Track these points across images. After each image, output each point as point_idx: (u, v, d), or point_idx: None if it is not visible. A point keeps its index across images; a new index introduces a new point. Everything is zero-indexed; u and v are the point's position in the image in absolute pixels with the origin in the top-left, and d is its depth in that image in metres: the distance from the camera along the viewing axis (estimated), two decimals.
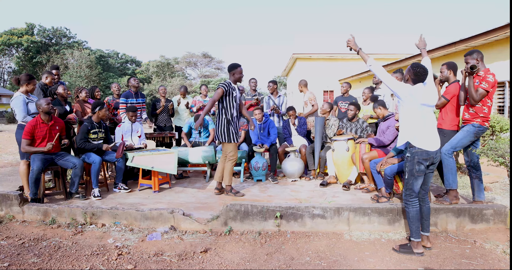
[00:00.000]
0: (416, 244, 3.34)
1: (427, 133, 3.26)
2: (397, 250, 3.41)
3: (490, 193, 5.24)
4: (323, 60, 19.72)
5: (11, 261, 3.19)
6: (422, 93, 3.22)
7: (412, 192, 3.34)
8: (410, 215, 3.35)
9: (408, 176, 3.32)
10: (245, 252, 3.43)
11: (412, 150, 3.27)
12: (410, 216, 3.35)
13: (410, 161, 3.29)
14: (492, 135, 5.97)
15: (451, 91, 4.20)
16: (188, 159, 5.95)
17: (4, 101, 35.32)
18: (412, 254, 3.32)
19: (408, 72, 3.33)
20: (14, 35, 33.53)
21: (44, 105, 4.54)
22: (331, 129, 6.04)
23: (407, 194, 3.35)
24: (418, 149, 3.24)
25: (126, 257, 3.28)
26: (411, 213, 3.34)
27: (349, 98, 7.08)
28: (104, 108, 5.20)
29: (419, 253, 3.32)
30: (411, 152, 3.28)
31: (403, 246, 3.42)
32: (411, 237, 3.37)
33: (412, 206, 3.34)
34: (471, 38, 8.31)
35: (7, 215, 4.32)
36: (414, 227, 3.35)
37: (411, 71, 3.29)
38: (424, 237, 3.44)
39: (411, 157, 3.28)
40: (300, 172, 5.95)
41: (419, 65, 3.30)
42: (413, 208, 3.33)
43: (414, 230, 3.35)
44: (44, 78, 5.58)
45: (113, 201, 4.79)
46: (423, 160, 3.25)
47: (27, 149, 4.52)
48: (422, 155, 3.24)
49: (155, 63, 35.45)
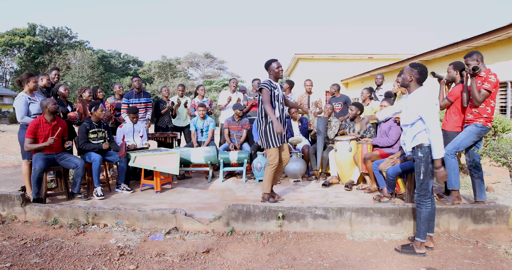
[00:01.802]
0: (420, 244, 3.33)
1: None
2: (399, 251, 3.39)
3: (492, 193, 5.23)
4: (325, 61, 19.69)
5: (13, 262, 3.20)
6: (432, 92, 3.22)
7: (427, 192, 3.29)
8: (422, 215, 3.31)
9: (424, 177, 3.26)
10: (247, 253, 3.43)
11: (425, 150, 3.22)
12: (421, 217, 3.32)
13: (424, 161, 3.23)
14: (494, 136, 5.96)
15: (454, 93, 4.19)
16: (190, 160, 5.96)
17: (6, 101, 35.43)
18: (415, 254, 3.31)
19: (410, 73, 3.27)
20: (16, 35, 33.60)
21: (51, 105, 4.56)
22: (332, 130, 6.04)
23: (422, 194, 3.30)
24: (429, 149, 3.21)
25: (128, 258, 3.28)
26: (423, 214, 3.31)
27: (341, 98, 7.13)
28: (99, 108, 5.21)
29: (422, 253, 3.31)
30: (423, 152, 3.22)
31: (405, 247, 3.41)
32: (417, 237, 3.35)
33: (425, 207, 3.30)
34: (473, 39, 8.30)
35: (9, 215, 4.33)
36: (423, 228, 3.32)
37: (415, 71, 3.25)
38: (428, 237, 3.43)
39: (424, 157, 3.23)
40: (302, 172, 5.94)
41: (420, 64, 3.30)
42: (426, 209, 3.30)
43: (422, 231, 3.32)
44: (39, 81, 5.46)
45: (115, 201, 4.80)
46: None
47: (29, 147, 4.53)
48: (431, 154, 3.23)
49: (157, 64, 35.47)
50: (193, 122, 6.53)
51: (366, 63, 18.68)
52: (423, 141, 3.21)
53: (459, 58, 8.94)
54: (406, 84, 3.36)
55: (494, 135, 5.95)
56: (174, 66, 37.50)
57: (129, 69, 41.94)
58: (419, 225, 3.35)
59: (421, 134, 3.23)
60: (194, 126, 6.50)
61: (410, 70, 3.28)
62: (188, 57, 39.16)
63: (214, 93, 26.29)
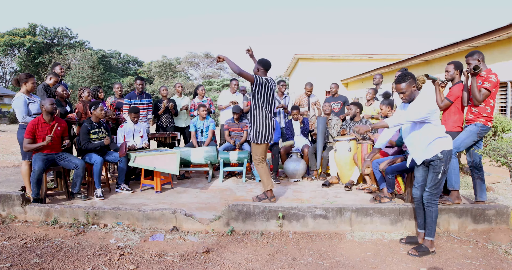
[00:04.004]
0: (431, 243, 3.36)
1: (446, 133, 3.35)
2: (415, 254, 3.33)
3: (492, 193, 5.23)
4: (325, 61, 19.68)
5: (13, 262, 3.20)
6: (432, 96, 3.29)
7: (439, 191, 3.36)
8: (434, 214, 3.35)
9: (441, 177, 3.30)
10: (247, 253, 3.43)
11: (445, 151, 3.27)
12: (434, 216, 3.35)
13: (444, 161, 3.26)
14: (494, 136, 5.95)
15: (454, 93, 4.19)
16: (190, 160, 5.96)
17: (6, 101, 35.44)
18: (429, 254, 3.33)
19: (412, 83, 3.32)
20: (16, 35, 33.62)
21: (48, 105, 4.56)
22: (334, 129, 6.04)
23: (435, 193, 3.33)
24: (448, 150, 3.28)
25: (128, 258, 3.28)
26: (435, 213, 3.35)
27: (339, 98, 7.13)
28: (98, 108, 5.21)
29: (434, 251, 3.36)
30: (443, 153, 3.26)
31: (418, 248, 3.38)
32: (429, 236, 3.37)
33: (436, 206, 3.36)
34: (473, 39, 8.29)
35: (9, 215, 4.33)
36: (434, 227, 3.37)
37: (413, 79, 3.33)
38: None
39: (444, 157, 3.26)
40: (302, 172, 5.94)
41: (406, 73, 3.39)
42: (437, 208, 3.37)
43: (433, 230, 3.37)
44: (48, 79, 5.59)
45: (115, 201, 4.80)
46: (451, 156, 3.32)
47: (28, 147, 4.53)
48: (450, 153, 3.29)
49: (157, 64, 35.49)
50: (193, 123, 6.52)
51: (366, 63, 18.67)
52: (444, 147, 3.26)
53: (459, 58, 8.94)
54: (414, 96, 3.39)
55: (494, 135, 5.95)
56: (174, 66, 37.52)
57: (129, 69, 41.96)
58: (430, 224, 3.37)
59: (437, 141, 3.28)
60: (194, 127, 6.50)
61: (408, 83, 3.32)
62: (188, 57, 39.18)
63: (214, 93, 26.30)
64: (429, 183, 3.35)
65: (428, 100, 3.28)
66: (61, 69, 6.04)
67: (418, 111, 3.23)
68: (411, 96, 3.37)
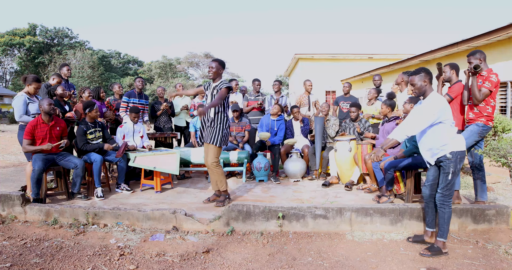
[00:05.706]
0: (443, 244, 3.35)
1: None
2: (428, 255, 3.32)
3: (493, 193, 5.23)
4: (325, 60, 19.71)
5: (13, 262, 3.20)
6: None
7: (451, 192, 3.33)
8: (446, 215, 3.33)
9: (452, 177, 3.28)
10: (247, 253, 3.43)
11: (454, 152, 3.26)
12: (446, 217, 3.34)
13: (453, 161, 3.25)
14: (494, 136, 5.96)
15: (455, 90, 4.19)
16: (190, 160, 5.95)
17: (6, 101, 35.40)
18: (442, 255, 3.32)
19: (424, 77, 3.29)
20: (16, 35, 33.57)
21: (46, 106, 4.56)
22: (332, 128, 6.04)
23: (447, 194, 3.31)
24: (458, 151, 3.26)
25: (128, 258, 3.28)
26: (448, 214, 3.33)
27: (351, 98, 7.05)
28: (94, 109, 5.21)
29: (447, 252, 3.35)
30: (452, 153, 3.25)
31: (431, 249, 3.36)
32: (441, 237, 3.35)
33: (449, 207, 3.34)
34: (473, 39, 8.29)
35: (9, 215, 4.33)
36: (447, 228, 3.35)
37: (427, 74, 3.30)
38: (430, 232, 3.53)
39: (453, 157, 3.24)
40: (302, 172, 5.95)
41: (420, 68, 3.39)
42: (450, 209, 3.35)
43: (446, 231, 3.35)
44: (51, 79, 5.60)
45: (115, 201, 4.80)
46: (463, 157, 3.29)
47: (27, 148, 4.54)
48: (461, 153, 3.27)
49: (157, 64, 35.46)
50: (193, 123, 6.52)
51: (366, 63, 18.71)
52: (454, 149, 3.24)
53: (459, 58, 8.96)
54: (424, 90, 3.36)
55: (494, 135, 5.95)
56: (174, 66, 37.50)
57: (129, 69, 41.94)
58: (442, 225, 3.35)
59: (449, 142, 3.25)
60: (194, 127, 6.50)
61: (420, 76, 3.30)
62: (188, 57, 39.14)
63: None
64: (441, 184, 3.34)
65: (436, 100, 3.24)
66: (68, 70, 6.04)
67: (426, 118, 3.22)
68: (421, 90, 3.34)
